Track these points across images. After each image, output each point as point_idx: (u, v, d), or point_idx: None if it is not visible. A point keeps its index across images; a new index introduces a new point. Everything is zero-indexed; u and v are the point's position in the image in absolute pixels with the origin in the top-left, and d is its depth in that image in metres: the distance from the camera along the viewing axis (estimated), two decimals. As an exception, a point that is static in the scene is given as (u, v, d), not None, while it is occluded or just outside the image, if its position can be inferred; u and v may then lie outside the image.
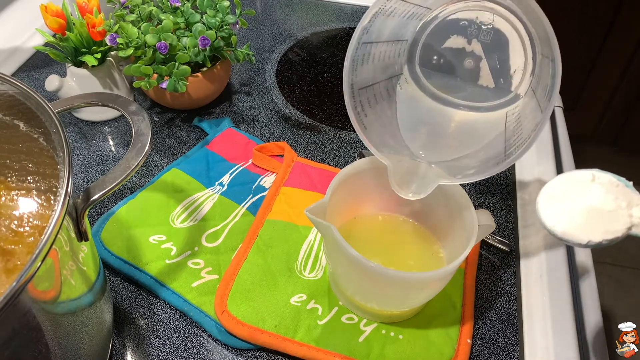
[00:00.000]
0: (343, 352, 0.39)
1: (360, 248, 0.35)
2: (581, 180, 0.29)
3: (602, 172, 0.29)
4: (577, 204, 0.29)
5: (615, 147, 1.61)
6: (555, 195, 0.30)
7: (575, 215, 0.28)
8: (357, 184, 0.41)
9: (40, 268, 0.25)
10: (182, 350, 0.40)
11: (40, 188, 0.34)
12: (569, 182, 0.30)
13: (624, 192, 0.28)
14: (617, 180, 0.29)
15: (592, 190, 0.29)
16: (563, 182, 0.30)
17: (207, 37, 0.53)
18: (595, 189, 0.29)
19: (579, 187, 0.29)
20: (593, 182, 0.29)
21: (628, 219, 0.28)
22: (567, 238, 0.29)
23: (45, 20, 0.52)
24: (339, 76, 0.68)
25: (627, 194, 0.28)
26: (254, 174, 0.52)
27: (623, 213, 0.28)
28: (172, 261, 0.44)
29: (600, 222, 0.28)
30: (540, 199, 0.30)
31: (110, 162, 0.55)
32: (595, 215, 0.28)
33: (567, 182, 0.30)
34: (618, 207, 0.28)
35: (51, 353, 0.29)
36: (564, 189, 0.30)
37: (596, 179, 0.29)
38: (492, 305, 0.43)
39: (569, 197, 0.29)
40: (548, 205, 0.29)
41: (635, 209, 0.28)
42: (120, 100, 0.38)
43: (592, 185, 0.29)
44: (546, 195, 0.30)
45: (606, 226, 0.28)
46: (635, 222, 0.27)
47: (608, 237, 0.28)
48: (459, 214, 0.39)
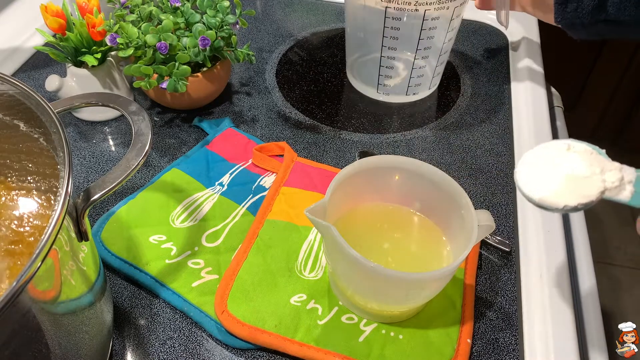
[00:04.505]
0: (343, 352, 0.39)
1: (363, 236, 0.34)
2: (557, 149, 0.31)
3: (577, 141, 0.31)
4: (553, 171, 0.30)
5: (615, 147, 1.61)
6: (532, 164, 0.31)
7: (551, 182, 0.30)
8: (357, 184, 0.41)
9: (40, 268, 0.25)
10: (182, 350, 0.40)
11: (41, 188, 0.34)
12: (546, 152, 0.31)
13: (597, 159, 0.29)
14: (592, 148, 0.30)
15: (568, 158, 0.30)
16: (540, 152, 0.31)
17: (207, 37, 0.53)
18: (571, 157, 0.30)
19: (555, 156, 0.30)
20: (569, 150, 0.30)
21: (602, 184, 0.29)
22: (545, 204, 0.30)
23: (45, 20, 0.52)
24: (339, 76, 0.68)
25: (600, 161, 0.29)
26: (254, 174, 0.52)
27: (597, 178, 0.29)
28: (172, 261, 0.44)
29: (575, 188, 0.29)
30: (518, 169, 0.31)
31: (110, 162, 0.55)
32: (570, 181, 0.29)
33: (544, 151, 0.31)
34: (592, 173, 0.29)
35: (51, 353, 0.29)
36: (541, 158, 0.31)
37: (571, 147, 0.30)
38: (492, 305, 0.43)
39: (545, 165, 0.30)
40: (526, 174, 0.31)
41: (608, 174, 0.29)
42: (120, 100, 0.38)
43: (568, 153, 0.30)
44: (524, 164, 0.31)
45: (581, 191, 0.29)
46: (608, 186, 0.29)
47: (583, 202, 0.29)
48: (459, 214, 0.39)
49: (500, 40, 0.74)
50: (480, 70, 0.69)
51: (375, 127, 0.60)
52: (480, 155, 0.57)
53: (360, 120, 0.61)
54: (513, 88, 0.66)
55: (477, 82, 0.67)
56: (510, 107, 0.63)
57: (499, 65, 0.70)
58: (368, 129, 0.60)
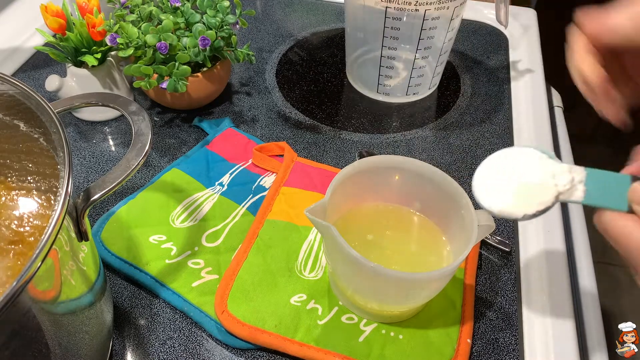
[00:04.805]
0: (343, 352, 0.39)
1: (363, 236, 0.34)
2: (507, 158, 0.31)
3: (526, 147, 0.31)
4: (508, 182, 0.30)
5: (615, 147, 1.61)
6: (487, 176, 0.31)
7: (508, 193, 0.30)
8: (357, 184, 0.41)
9: (40, 268, 0.25)
10: (182, 350, 0.40)
11: (41, 188, 0.34)
12: (497, 163, 0.31)
13: (547, 163, 0.30)
14: (541, 153, 0.30)
15: (519, 166, 0.31)
16: (491, 164, 0.32)
17: (207, 37, 0.53)
18: (522, 165, 0.30)
19: (507, 166, 0.31)
20: (519, 158, 0.31)
21: (555, 188, 0.29)
22: (505, 215, 0.30)
23: (45, 20, 0.52)
24: (339, 76, 0.68)
25: (550, 165, 0.30)
26: (254, 174, 0.52)
27: (550, 183, 0.29)
28: (172, 261, 0.44)
29: (531, 196, 0.30)
30: (475, 182, 0.32)
31: (110, 162, 0.55)
32: (525, 190, 0.30)
33: (496, 163, 0.31)
34: (544, 179, 0.29)
35: (51, 353, 0.29)
36: (494, 170, 0.31)
37: (521, 155, 0.31)
38: (492, 305, 0.43)
39: (499, 177, 0.31)
40: (482, 188, 0.31)
41: (559, 177, 0.29)
42: (120, 100, 0.38)
43: (518, 162, 0.31)
44: (479, 179, 0.32)
45: (537, 199, 0.29)
46: (561, 189, 0.29)
47: (540, 208, 0.29)
48: (459, 214, 0.39)
49: (500, 40, 0.74)
50: (480, 70, 0.69)
51: (375, 127, 0.60)
52: (480, 155, 0.57)
53: (360, 120, 0.61)
54: (513, 88, 0.66)
55: (477, 82, 0.67)
56: (510, 107, 0.63)
57: (499, 65, 0.70)
58: (368, 129, 0.60)
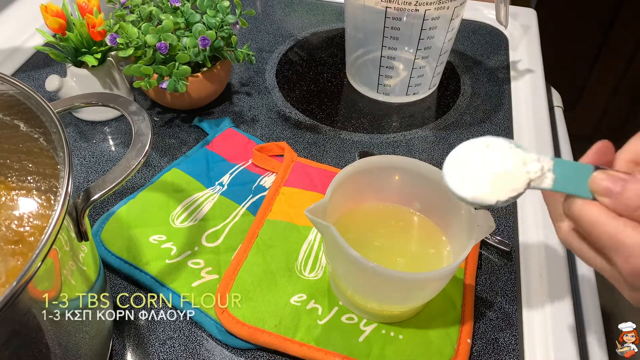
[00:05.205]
0: (343, 352, 0.39)
1: (363, 236, 0.34)
2: (478, 148, 0.32)
3: (495, 137, 0.32)
4: (480, 170, 0.31)
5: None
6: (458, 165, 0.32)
7: (480, 181, 0.31)
8: (357, 184, 0.41)
9: (40, 268, 0.25)
10: (182, 350, 0.40)
11: (41, 188, 0.34)
12: (467, 152, 0.32)
13: (517, 153, 0.31)
14: (509, 143, 0.31)
15: (490, 156, 0.32)
16: (461, 152, 0.32)
17: (207, 37, 0.53)
18: (493, 154, 0.32)
19: (477, 155, 0.32)
20: (489, 148, 0.32)
21: (526, 175, 0.31)
22: (478, 201, 0.31)
23: (45, 20, 0.52)
24: (339, 76, 0.68)
25: (520, 154, 0.31)
26: (254, 174, 0.52)
27: (521, 171, 0.31)
28: (172, 261, 0.44)
29: (503, 183, 0.31)
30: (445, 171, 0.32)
31: (110, 162, 0.55)
32: (498, 177, 0.31)
33: (466, 151, 0.32)
34: (516, 167, 0.31)
35: (51, 353, 0.29)
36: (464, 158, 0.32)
37: (491, 145, 0.32)
38: (492, 305, 0.43)
39: (470, 165, 0.32)
40: (453, 175, 0.32)
41: (530, 165, 0.31)
42: (120, 100, 0.38)
43: (488, 151, 0.32)
44: (449, 167, 0.32)
45: (509, 185, 0.31)
46: (532, 176, 0.30)
47: (512, 195, 0.30)
48: (459, 214, 0.39)
49: (500, 40, 0.74)
50: (480, 70, 0.69)
51: (375, 127, 0.60)
52: (480, 155, 0.57)
53: (360, 120, 0.61)
54: (513, 88, 0.66)
55: (477, 82, 0.67)
56: (510, 107, 0.63)
57: (499, 65, 0.70)
58: (368, 129, 0.60)
